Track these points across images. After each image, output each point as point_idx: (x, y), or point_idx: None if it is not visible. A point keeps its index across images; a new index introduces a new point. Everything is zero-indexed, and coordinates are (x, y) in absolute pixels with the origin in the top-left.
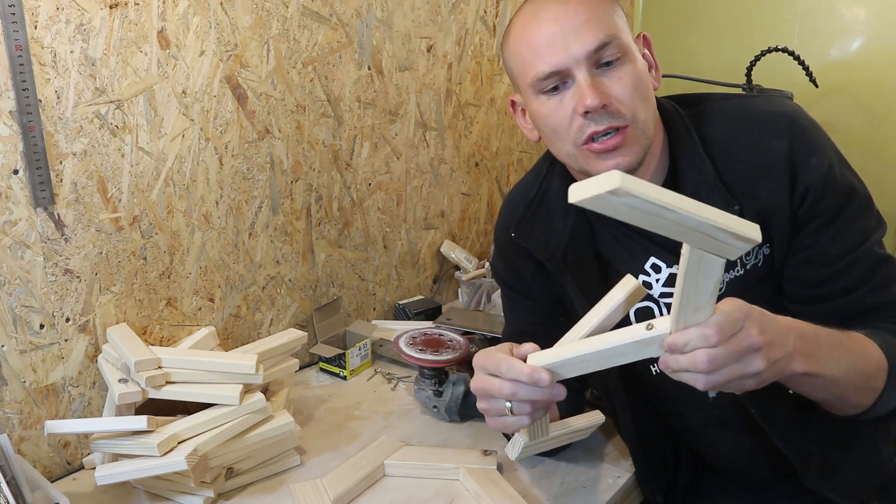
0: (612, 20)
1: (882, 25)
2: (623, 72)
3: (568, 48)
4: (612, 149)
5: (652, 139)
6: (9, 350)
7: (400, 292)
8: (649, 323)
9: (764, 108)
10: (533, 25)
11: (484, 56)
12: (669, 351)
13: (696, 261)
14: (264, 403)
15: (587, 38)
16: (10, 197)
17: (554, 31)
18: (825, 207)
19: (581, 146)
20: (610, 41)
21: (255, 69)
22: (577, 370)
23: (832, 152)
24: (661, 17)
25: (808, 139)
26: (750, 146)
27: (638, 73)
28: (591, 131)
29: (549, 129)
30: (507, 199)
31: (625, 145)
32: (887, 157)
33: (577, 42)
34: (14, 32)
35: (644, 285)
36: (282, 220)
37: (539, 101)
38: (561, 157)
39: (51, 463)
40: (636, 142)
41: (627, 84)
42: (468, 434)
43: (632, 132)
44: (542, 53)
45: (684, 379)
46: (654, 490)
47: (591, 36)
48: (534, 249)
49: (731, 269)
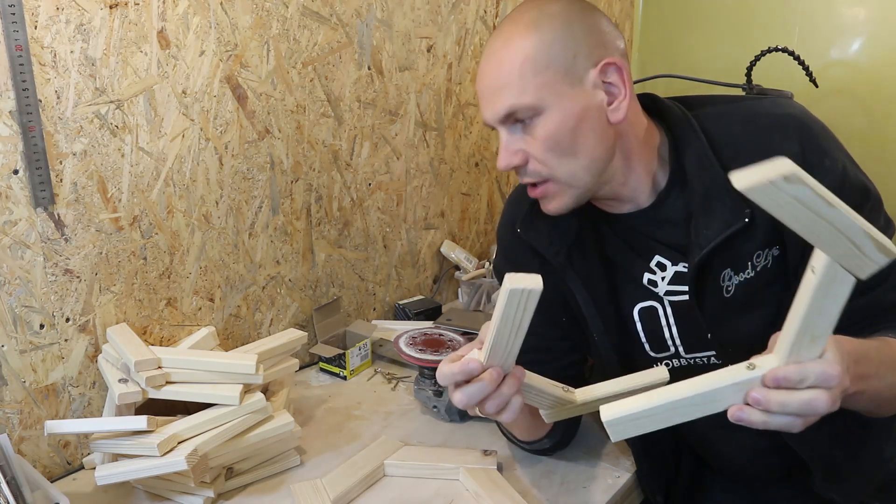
0: (527, 83)
1: (882, 25)
2: (539, 131)
3: (487, 108)
4: (541, 196)
5: (589, 183)
6: (9, 350)
7: (400, 292)
8: (751, 362)
9: (772, 111)
10: (478, 76)
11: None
12: (775, 385)
13: (829, 278)
14: (264, 403)
15: (496, 106)
16: (10, 197)
17: (482, 88)
18: None
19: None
20: (515, 111)
21: (255, 69)
22: (657, 423)
23: (842, 153)
24: (661, 17)
25: (818, 141)
26: (760, 148)
27: (560, 127)
28: (523, 180)
29: None
30: (511, 198)
31: (548, 196)
32: (887, 157)
33: (490, 107)
34: (14, 32)
35: (649, 283)
36: (282, 220)
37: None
38: None
39: (51, 463)
40: (560, 193)
41: (542, 145)
42: (468, 434)
43: (552, 187)
44: (479, 104)
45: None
46: (654, 490)
47: (500, 104)
48: (539, 246)
49: (741, 271)
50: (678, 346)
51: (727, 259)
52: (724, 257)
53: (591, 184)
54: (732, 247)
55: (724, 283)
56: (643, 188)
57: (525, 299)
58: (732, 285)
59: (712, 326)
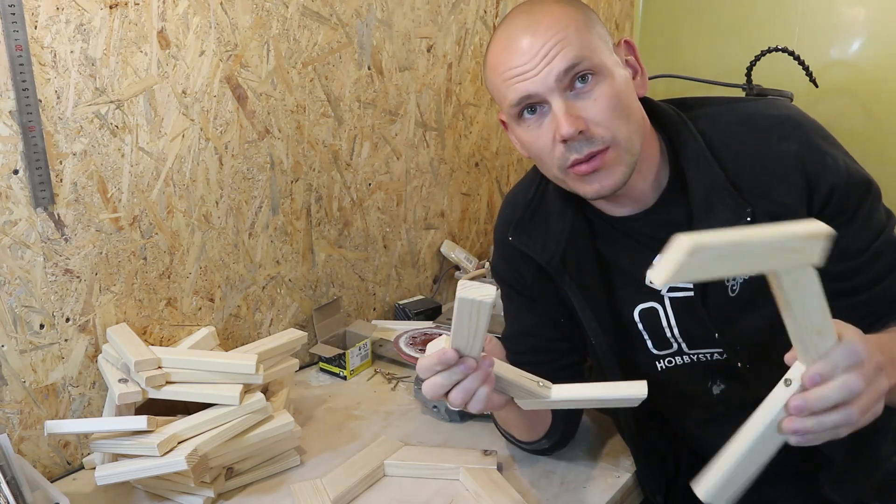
0: (584, 39)
1: (882, 25)
2: (598, 92)
3: (538, 75)
4: (595, 170)
5: (639, 153)
6: (9, 350)
7: (400, 292)
8: (787, 378)
9: (768, 112)
10: (505, 55)
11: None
12: (812, 384)
13: (791, 284)
14: (264, 403)
15: (556, 62)
16: (10, 197)
17: (523, 58)
18: (849, 204)
19: (566, 169)
20: (579, 62)
21: (255, 69)
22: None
23: (840, 151)
24: (661, 17)
25: (816, 140)
26: (758, 149)
27: (615, 90)
28: (572, 159)
29: (533, 154)
30: (507, 199)
31: (605, 167)
32: (887, 156)
33: (547, 67)
34: (14, 32)
35: (650, 284)
36: (282, 220)
37: (521, 128)
38: (549, 177)
39: (51, 463)
40: (619, 161)
41: (603, 105)
42: (468, 434)
43: (612, 154)
44: (512, 82)
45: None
46: (654, 489)
47: (560, 59)
48: (532, 252)
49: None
50: (681, 343)
51: None
52: None
53: (637, 156)
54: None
55: (729, 283)
56: (649, 185)
57: (476, 309)
58: (737, 284)
59: (718, 325)
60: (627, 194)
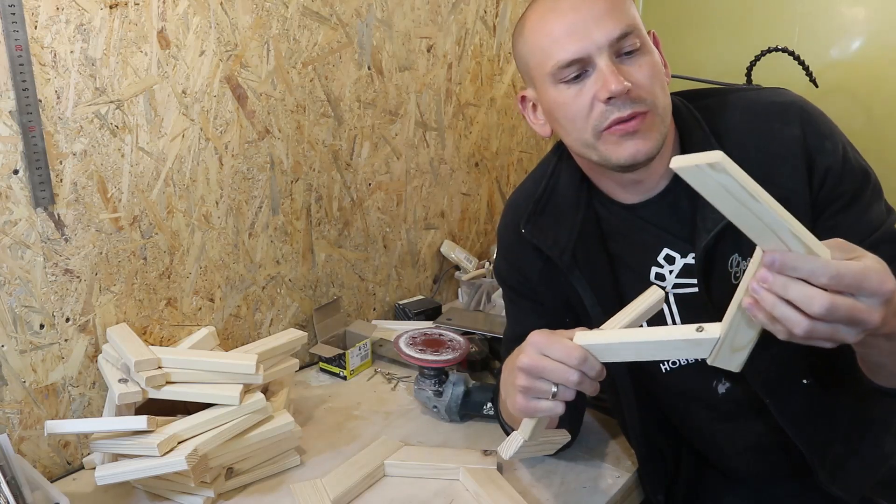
0: (631, 11)
1: (882, 25)
2: (643, 60)
3: (590, 35)
4: (634, 131)
5: (668, 129)
6: (9, 350)
7: (400, 292)
8: (700, 326)
9: (773, 99)
10: (552, 16)
11: (484, 56)
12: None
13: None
14: (264, 403)
15: (609, 27)
16: (10, 197)
17: (575, 19)
18: (844, 190)
19: (602, 132)
20: (631, 31)
21: (255, 69)
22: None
23: (842, 138)
24: (661, 17)
25: (819, 125)
26: (763, 135)
27: (655, 62)
28: (614, 117)
29: (566, 118)
30: (511, 200)
31: (645, 129)
32: (887, 156)
33: (600, 30)
34: (14, 32)
35: (657, 277)
36: (282, 220)
37: (557, 91)
38: (576, 147)
39: (51, 463)
40: (656, 128)
41: (647, 72)
42: (468, 434)
43: (651, 118)
44: (562, 42)
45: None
46: (655, 489)
47: (613, 24)
48: (544, 246)
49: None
50: None
51: (734, 243)
52: (731, 241)
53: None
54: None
55: (733, 269)
56: (663, 169)
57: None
58: (741, 271)
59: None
60: (643, 180)
